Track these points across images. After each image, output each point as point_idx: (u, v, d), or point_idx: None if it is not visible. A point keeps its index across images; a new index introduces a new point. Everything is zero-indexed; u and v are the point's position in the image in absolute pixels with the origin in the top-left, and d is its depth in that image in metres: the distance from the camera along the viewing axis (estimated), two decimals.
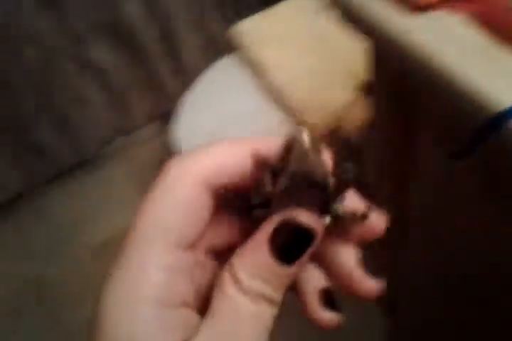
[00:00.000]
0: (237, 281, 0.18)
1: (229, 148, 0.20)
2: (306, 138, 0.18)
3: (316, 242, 0.19)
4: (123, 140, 1.45)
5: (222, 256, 0.21)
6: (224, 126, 0.97)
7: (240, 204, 0.20)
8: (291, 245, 0.18)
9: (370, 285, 0.20)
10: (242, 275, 0.18)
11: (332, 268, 0.21)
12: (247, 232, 0.20)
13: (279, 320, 0.19)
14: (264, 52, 1.01)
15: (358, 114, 0.84)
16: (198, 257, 0.20)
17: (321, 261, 0.21)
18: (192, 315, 0.19)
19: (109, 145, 1.44)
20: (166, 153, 1.13)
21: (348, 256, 0.20)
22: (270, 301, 0.18)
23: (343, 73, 0.91)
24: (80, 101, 1.31)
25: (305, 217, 0.19)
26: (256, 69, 1.03)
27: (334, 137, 0.86)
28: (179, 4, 1.27)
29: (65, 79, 1.25)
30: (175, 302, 0.18)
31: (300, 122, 0.90)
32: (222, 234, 0.21)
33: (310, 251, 0.19)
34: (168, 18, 1.28)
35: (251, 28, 1.06)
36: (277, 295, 0.19)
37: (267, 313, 0.18)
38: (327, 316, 0.20)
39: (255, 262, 0.18)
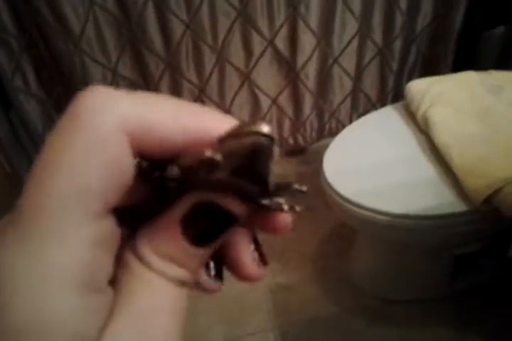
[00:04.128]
0: (147, 264, 0.16)
1: (177, 110, 0.16)
2: (269, 132, 0.15)
3: (235, 228, 0.17)
4: None
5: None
6: (373, 165, 1.00)
7: (149, 173, 0.17)
8: (204, 226, 0.17)
9: (259, 273, 0.19)
10: (152, 258, 0.16)
11: (228, 254, 0.19)
12: (146, 195, 0.17)
13: None
14: (433, 110, 1.04)
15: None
16: (112, 223, 0.16)
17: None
18: (111, 292, 0.16)
19: None
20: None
21: (245, 247, 0.19)
22: (182, 282, 0.17)
23: (508, 149, 0.90)
24: None
25: (230, 201, 0.16)
26: (422, 124, 1.06)
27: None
28: None
29: None
30: (101, 284, 0.15)
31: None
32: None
33: (226, 236, 0.17)
34: None
35: (424, 87, 1.11)
36: (189, 275, 0.17)
37: (180, 289, 0.17)
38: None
39: (167, 243, 0.16)
